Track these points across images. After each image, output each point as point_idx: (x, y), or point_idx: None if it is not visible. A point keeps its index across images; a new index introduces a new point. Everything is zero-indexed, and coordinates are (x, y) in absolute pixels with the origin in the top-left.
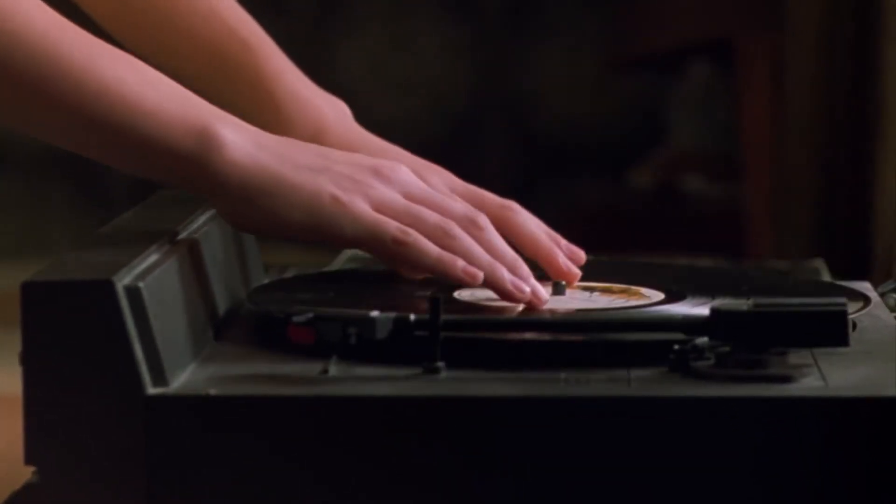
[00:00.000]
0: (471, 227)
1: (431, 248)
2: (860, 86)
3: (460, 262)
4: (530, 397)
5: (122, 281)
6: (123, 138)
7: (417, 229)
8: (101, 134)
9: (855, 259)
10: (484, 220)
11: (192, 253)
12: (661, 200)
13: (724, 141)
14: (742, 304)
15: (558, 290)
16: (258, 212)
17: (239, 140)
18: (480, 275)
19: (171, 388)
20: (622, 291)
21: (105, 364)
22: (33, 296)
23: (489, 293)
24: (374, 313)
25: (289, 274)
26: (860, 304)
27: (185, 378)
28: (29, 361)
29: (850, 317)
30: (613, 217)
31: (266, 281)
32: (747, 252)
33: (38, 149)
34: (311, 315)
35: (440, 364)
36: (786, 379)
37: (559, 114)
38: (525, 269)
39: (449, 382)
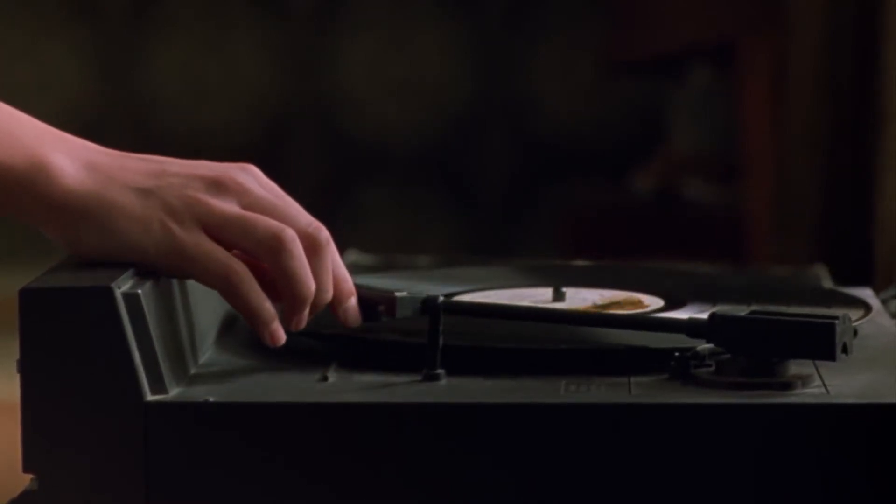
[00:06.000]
0: (309, 245)
1: (253, 297)
2: (862, 89)
3: (273, 324)
4: (531, 404)
5: (121, 287)
6: None
7: (246, 240)
8: None
9: (856, 265)
10: (325, 239)
11: None
12: (661, 204)
13: (724, 144)
14: (740, 309)
15: (558, 296)
16: (87, 237)
17: (69, 165)
18: (282, 341)
19: (169, 395)
20: (626, 301)
21: (104, 371)
22: (31, 302)
23: (489, 297)
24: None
25: None
26: (861, 312)
27: (184, 385)
28: (27, 369)
29: (853, 324)
30: (613, 221)
31: None
32: (748, 256)
33: None
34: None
35: (440, 371)
36: (787, 386)
37: (559, 117)
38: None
39: (449, 389)
